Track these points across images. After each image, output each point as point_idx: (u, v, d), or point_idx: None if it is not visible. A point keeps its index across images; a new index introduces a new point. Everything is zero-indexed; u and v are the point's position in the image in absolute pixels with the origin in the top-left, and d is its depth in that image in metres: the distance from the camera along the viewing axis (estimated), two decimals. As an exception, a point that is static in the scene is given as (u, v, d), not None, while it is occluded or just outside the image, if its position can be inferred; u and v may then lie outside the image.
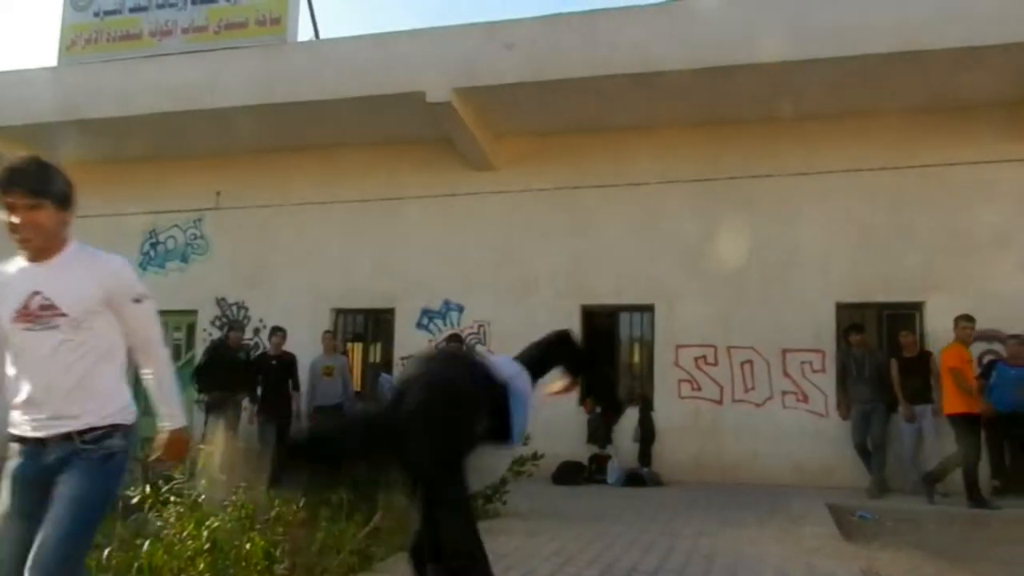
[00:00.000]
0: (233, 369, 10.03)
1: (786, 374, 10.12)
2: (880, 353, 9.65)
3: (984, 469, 9.01)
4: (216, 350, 10.39)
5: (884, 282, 9.94)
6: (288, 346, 10.54)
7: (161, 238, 12.76)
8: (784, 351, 10.13)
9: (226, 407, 9.76)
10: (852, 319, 9.85)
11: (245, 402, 10.29)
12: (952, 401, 8.41)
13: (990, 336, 9.41)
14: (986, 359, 9.39)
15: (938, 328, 9.55)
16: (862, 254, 10.01)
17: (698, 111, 10.25)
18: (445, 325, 11.26)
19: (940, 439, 9.01)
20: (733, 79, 9.31)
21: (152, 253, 12.75)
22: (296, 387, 10.23)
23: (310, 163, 12.03)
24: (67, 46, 12.29)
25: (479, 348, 11.09)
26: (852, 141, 10.12)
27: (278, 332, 10.34)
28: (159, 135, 11.80)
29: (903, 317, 10.05)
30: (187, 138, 11.89)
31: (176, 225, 12.71)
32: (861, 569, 5.25)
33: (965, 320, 8.65)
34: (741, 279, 10.32)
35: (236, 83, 10.80)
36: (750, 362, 10.24)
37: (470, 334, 11.17)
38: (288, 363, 10.26)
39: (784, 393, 10.10)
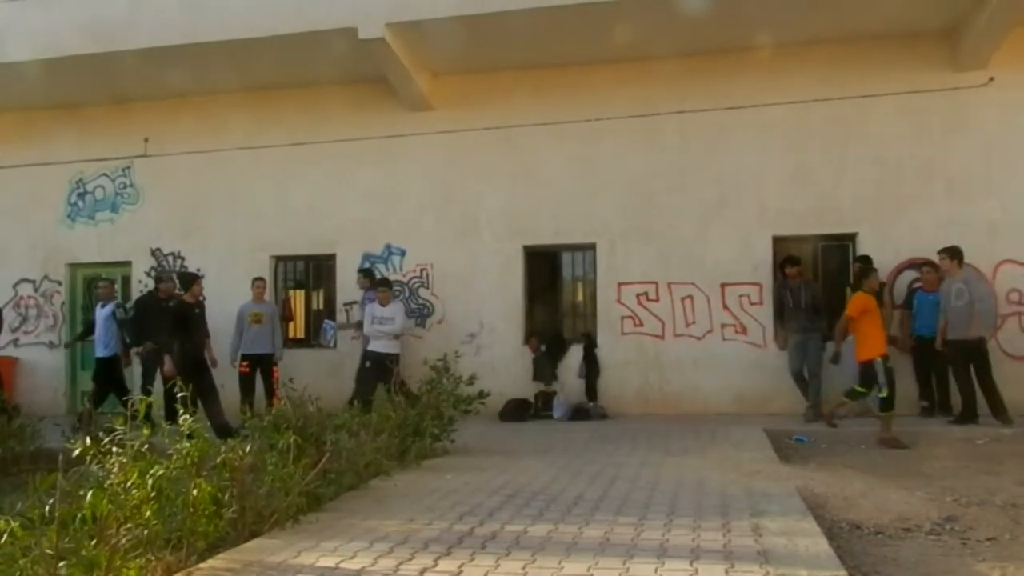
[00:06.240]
0: (165, 320, 9.74)
1: (725, 307, 10.33)
2: (815, 284, 9.89)
3: (912, 390, 9.41)
4: (146, 303, 10.16)
5: (818, 214, 10.14)
6: (228, 295, 10.35)
7: (89, 188, 12.28)
8: (723, 285, 10.32)
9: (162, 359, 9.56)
10: (788, 252, 10.07)
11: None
12: None
13: (919, 264, 9.71)
14: (914, 287, 9.71)
15: (872, 258, 9.83)
16: (796, 187, 10.17)
17: (633, 46, 10.14)
18: (387, 269, 11.16)
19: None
20: (665, 10, 9.20)
21: (80, 204, 12.29)
22: (207, 334, 9.62)
23: (241, 106, 11.64)
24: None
25: (422, 291, 11.09)
26: (784, 73, 10.17)
27: (199, 279, 9.77)
28: (79, 78, 11.23)
29: (837, 248, 10.31)
30: (109, 81, 11.38)
31: (104, 174, 12.24)
32: (797, 488, 5.47)
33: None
34: (680, 216, 10.44)
35: (158, 20, 10.27)
36: (690, 297, 10.42)
37: (413, 278, 11.13)
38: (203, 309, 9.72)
39: (723, 326, 10.32)
